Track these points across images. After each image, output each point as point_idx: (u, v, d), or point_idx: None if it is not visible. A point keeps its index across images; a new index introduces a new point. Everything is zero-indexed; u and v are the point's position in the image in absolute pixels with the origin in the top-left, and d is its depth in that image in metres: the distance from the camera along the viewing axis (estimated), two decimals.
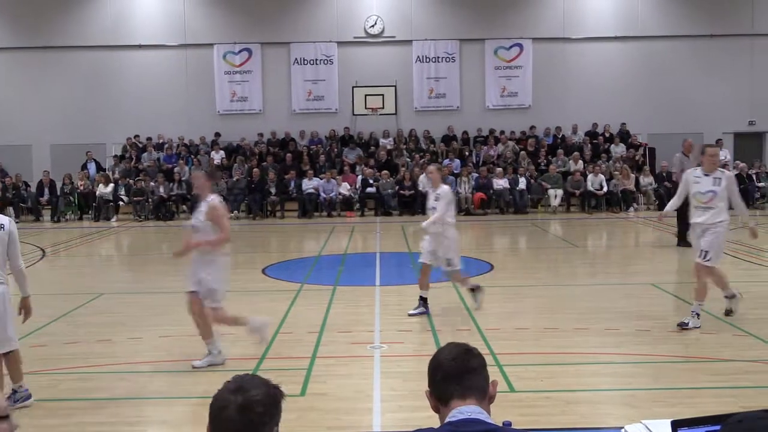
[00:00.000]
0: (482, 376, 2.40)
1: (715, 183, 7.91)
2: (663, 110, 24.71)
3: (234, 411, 2.06)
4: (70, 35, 24.82)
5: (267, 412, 2.09)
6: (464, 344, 2.49)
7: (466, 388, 2.35)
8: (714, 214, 7.86)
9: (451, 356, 2.41)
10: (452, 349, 2.46)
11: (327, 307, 9.01)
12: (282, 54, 25.07)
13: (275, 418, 2.13)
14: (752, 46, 24.99)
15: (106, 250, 16.32)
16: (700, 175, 8.01)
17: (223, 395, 2.10)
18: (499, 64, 25.10)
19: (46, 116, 24.76)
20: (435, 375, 2.41)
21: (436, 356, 2.46)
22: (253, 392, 2.09)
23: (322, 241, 16.06)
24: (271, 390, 2.15)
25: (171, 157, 23.43)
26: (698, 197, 7.99)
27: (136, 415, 5.56)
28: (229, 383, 2.14)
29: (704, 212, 7.92)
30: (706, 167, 8.02)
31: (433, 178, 8.65)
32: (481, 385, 2.38)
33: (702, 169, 8.05)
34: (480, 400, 2.36)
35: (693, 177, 8.06)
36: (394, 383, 6.12)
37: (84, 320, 8.67)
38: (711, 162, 8.01)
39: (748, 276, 11.20)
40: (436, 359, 2.44)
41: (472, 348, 2.47)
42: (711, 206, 7.88)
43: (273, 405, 2.12)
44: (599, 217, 20.21)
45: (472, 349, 2.45)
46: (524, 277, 11.41)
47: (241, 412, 2.06)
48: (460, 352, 2.42)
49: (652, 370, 6.47)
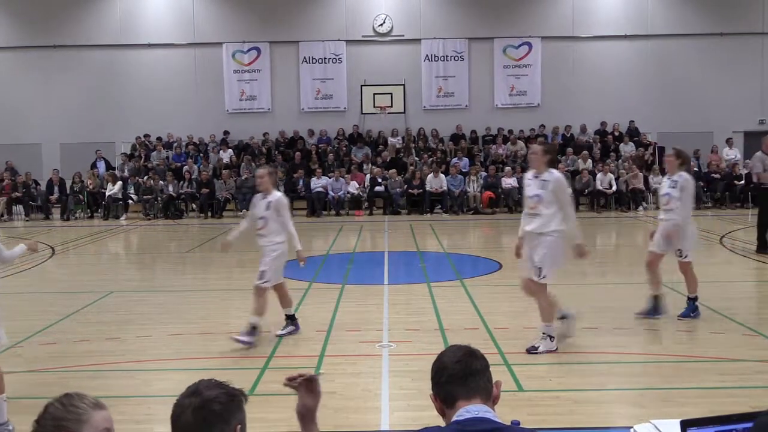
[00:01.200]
0: (486, 377, 2.40)
1: (542, 186, 6.84)
2: (672, 109, 24.62)
3: (190, 413, 2.08)
4: (80, 35, 24.91)
5: (225, 410, 2.09)
6: (466, 346, 2.49)
7: (471, 390, 2.36)
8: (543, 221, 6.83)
9: (455, 359, 2.41)
10: (455, 351, 2.46)
11: (335, 305, 9.01)
12: (291, 53, 25.09)
13: (236, 417, 2.13)
14: (763, 44, 24.86)
15: (115, 248, 16.38)
16: (531, 177, 7.03)
17: (181, 401, 2.12)
18: (508, 63, 25.06)
19: (56, 115, 24.87)
20: (439, 377, 2.41)
21: (440, 359, 2.46)
22: (208, 393, 2.11)
23: (330, 240, 16.06)
24: (230, 391, 2.15)
25: (180, 156, 23.49)
26: (527, 202, 7.06)
27: (144, 413, 5.58)
28: (184, 391, 2.16)
29: (532, 219, 6.94)
30: (532, 165, 7.08)
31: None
32: (485, 386, 2.38)
33: (532, 170, 7.05)
34: (485, 400, 2.36)
35: (525, 180, 7.15)
36: (403, 382, 6.12)
37: (93, 318, 8.70)
38: (533, 159, 7.05)
39: (758, 275, 11.16)
40: (440, 362, 2.45)
41: (475, 350, 2.47)
42: (537, 212, 6.86)
43: (232, 404, 2.12)
44: (608, 216, 20.15)
45: (474, 351, 2.46)
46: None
47: (195, 412, 2.07)
48: (464, 355, 2.43)
49: (661, 369, 6.44)
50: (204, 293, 10.19)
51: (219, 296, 9.99)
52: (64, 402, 2.11)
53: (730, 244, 13.96)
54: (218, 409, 2.08)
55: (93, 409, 2.13)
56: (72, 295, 10.05)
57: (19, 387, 6.19)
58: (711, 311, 8.33)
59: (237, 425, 2.12)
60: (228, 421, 2.09)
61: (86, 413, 2.10)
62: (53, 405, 2.11)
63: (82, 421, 2.08)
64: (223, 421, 2.08)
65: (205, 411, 2.07)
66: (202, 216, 21.11)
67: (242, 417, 2.16)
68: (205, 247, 15.39)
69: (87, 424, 2.09)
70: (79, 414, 2.09)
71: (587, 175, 21.35)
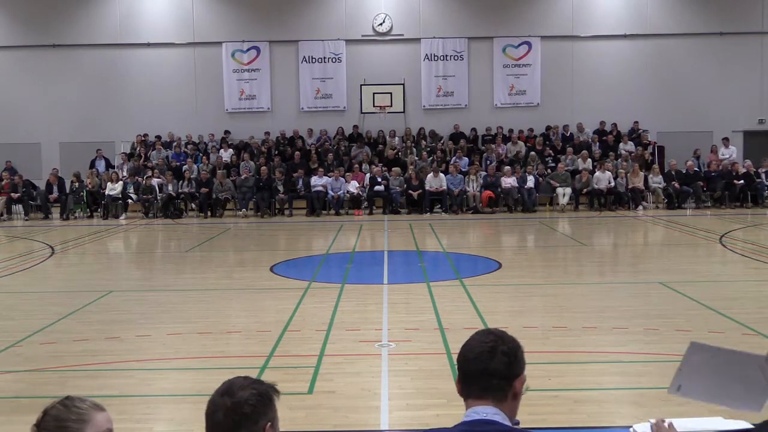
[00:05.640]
0: (504, 376, 2.30)
1: None
2: (672, 109, 24.63)
3: (222, 414, 2.16)
4: (79, 34, 24.91)
5: (255, 411, 2.17)
6: (494, 337, 2.36)
7: (484, 389, 2.30)
8: None
9: (474, 354, 2.32)
10: (479, 343, 2.35)
11: (335, 305, 9.01)
12: (290, 52, 25.10)
13: (266, 417, 2.19)
14: (762, 44, 24.86)
15: (114, 247, 16.38)
16: None
17: (214, 399, 2.20)
18: (508, 62, 25.07)
19: (55, 114, 24.88)
20: (460, 369, 2.35)
21: (464, 348, 2.37)
22: (240, 394, 2.18)
23: (330, 239, 16.06)
24: (262, 390, 2.22)
25: (180, 155, 23.49)
26: None
27: (143, 412, 5.57)
28: (220, 387, 2.23)
29: None
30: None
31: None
32: (501, 387, 2.29)
33: None
34: (498, 401, 2.30)
35: None
36: (402, 382, 6.12)
37: (93, 317, 8.69)
38: None
39: (757, 275, 11.16)
40: (463, 352, 2.36)
41: (501, 341, 2.34)
42: None
43: (262, 404, 2.19)
44: (608, 215, 20.16)
45: (497, 346, 2.31)
46: (532, 275, 11.38)
47: (227, 414, 2.15)
48: (484, 351, 2.31)
49: (661, 369, 6.44)
50: (204, 293, 10.18)
51: (219, 296, 9.98)
52: (65, 403, 2.12)
53: (730, 244, 13.97)
54: (248, 411, 2.16)
55: (94, 410, 2.14)
56: (71, 295, 10.04)
57: (19, 387, 6.19)
58: (711, 311, 8.33)
59: (266, 424, 2.18)
60: (257, 421, 2.17)
61: (88, 414, 2.12)
62: (54, 407, 2.12)
63: (84, 421, 2.09)
64: (253, 422, 2.16)
65: (236, 413, 2.16)
66: (202, 215, 21.11)
67: (273, 415, 2.22)
68: (204, 246, 15.39)
69: (89, 424, 2.10)
70: (81, 414, 2.11)
71: (587, 174, 21.35)
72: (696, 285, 9.96)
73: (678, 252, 13.66)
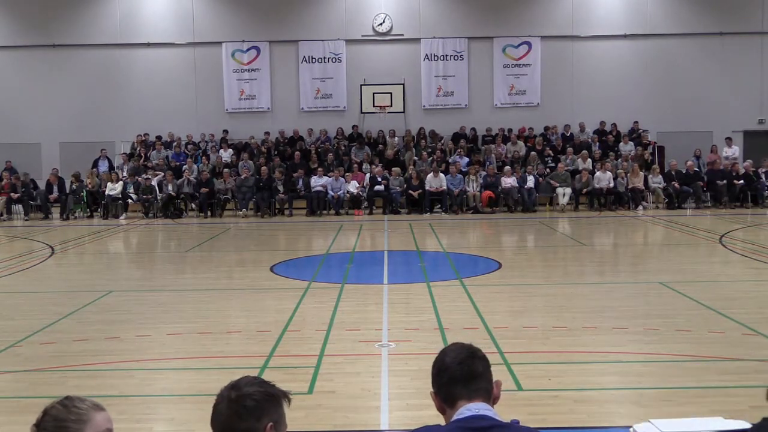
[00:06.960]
0: (487, 378, 2.40)
1: None
2: (672, 108, 24.63)
3: (225, 405, 2.18)
4: (79, 33, 24.92)
5: (258, 407, 2.17)
6: (468, 346, 2.48)
7: (473, 391, 2.36)
8: None
9: (458, 360, 2.40)
10: (458, 352, 2.44)
11: (335, 305, 9.01)
12: (290, 52, 25.10)
13: (269, 416, 2.18)
14: (762, 44, 24.86)
15: (114, 247, 16.37)
16: None
17: (222, 392, 2.23)
18: (508, 62, 25.07)
19: (55, 114, 24.89)
20: (440, 378, 2.40)
21: (441, 359, 2.45)
22: (246, 389, 2.20)
23: (330, 239, 16.06)
24: (269, 389, 2.23)
25: (180, 155, 23.49)
26: None
27: (143, 412, 5.57)
28: (232, 380, 2.26)
29: None
30: None
31: None
32: (486, 388, 2.39)
33: None
34: (486, 400, 2.37)
35: None
36: (402, 381, 6.12)
37: (93, 317, 8.69)
38: None
39: (757, 275, 11.16)
40: (441, 362, 2.44)
41: (477, 350, 2.46)
42: None
43: (266, 402, 2.19)
44: (608, 215, 20.15)
45: (476, 351, 2.44)
46: (532, 275, 11.38)
47: (230, 405, 2.17)
48: (467, 357, 2.41)
49: (661, 369, 6.44)
50: (204, 293, 10.18)
51: (218, 296, 9.98)
52: (65, 403, 2.12)
53: (730, 244, 13.97)
54: (251, 405, 2.17)
55: (94, 410, 2.14)
56: (71, 295, 10.04)
57: (18, 386, 6.20)
58: (711, 311, 8.33)
59: (268, 423, 2.18)
60: (259, 418, 2.17)
61: (87, 413, 2.12)
62: (54, 407, 2.11)
63: (83, 421, 2.09)
64: (255, 418, 2.16)
65: (238, 405, 2.16)
66: (202, 215, 21.11)
67: (277, 416, 2.21)
68: (204, 246, 15.38)
69: (89, 424, 2.10)
70: (81, 414, 2.10)
71: (587, 174, 21.35)
72: (696, 285, 9.97)
73: (678, 252, 13.66)
